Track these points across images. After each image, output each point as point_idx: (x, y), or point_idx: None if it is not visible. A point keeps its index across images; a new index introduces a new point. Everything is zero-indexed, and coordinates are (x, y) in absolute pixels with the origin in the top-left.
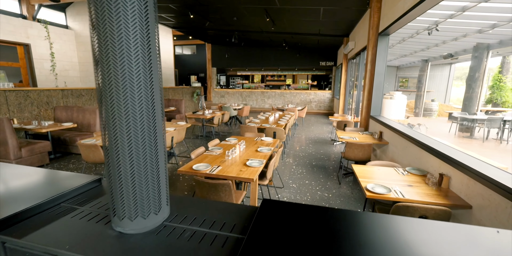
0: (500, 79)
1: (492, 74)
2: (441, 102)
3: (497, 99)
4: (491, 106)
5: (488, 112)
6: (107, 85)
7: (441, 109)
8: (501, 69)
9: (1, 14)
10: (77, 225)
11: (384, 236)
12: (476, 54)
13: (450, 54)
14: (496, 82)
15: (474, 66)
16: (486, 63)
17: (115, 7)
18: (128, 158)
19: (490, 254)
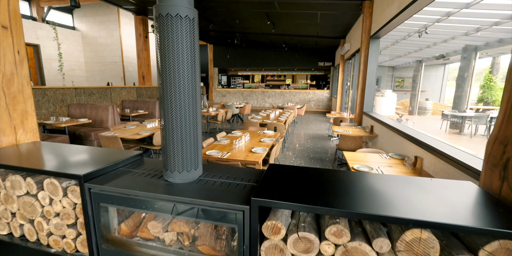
0: (491, 79)
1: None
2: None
3: (488, 98)
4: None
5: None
6: (168, 86)
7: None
8: (491, 69)
9: None
10: (138, 178)
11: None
12: (465, 55)
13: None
14: (487, 81)
15: (463, 66)
16: (474, 64)
17: (176, 33)
18: (179, 132)
19: (423, 190)
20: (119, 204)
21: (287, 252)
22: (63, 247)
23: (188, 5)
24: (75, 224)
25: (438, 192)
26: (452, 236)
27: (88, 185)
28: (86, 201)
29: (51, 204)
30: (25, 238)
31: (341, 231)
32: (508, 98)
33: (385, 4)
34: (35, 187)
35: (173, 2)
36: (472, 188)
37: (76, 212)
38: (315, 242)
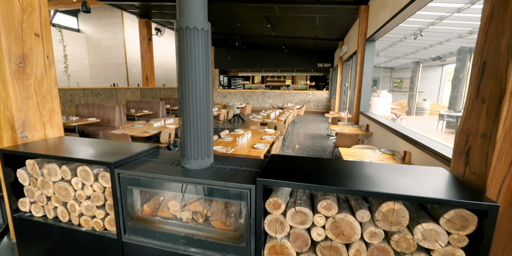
0: None
1: None
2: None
3: None
4: None
5: None
6: (186, 88)
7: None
8: None
9: None
10: (158, 165)
11: (344, 170)
12: (460, 56)
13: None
14: None
15: (459, 67)
16: (469, 65)
17: (193, 42)
18: (195, 126)
19: (401, 173)
20: (144, 186)
21: (286, 224)
22: (92, 226)
23: (203, 19)
24: (104, 205)
25: (412, 175)
26: (421, 209)
27: (117, 170)
28: (115, 185)
29: (83, 188)
30: (58, 219)
31: (330, 205)
32: (470, 98)
33: (380, 9)
34: (69, 174)
35: (191, 17)
36: (443, 172)
37: (105, 195)
38: (309, 215)
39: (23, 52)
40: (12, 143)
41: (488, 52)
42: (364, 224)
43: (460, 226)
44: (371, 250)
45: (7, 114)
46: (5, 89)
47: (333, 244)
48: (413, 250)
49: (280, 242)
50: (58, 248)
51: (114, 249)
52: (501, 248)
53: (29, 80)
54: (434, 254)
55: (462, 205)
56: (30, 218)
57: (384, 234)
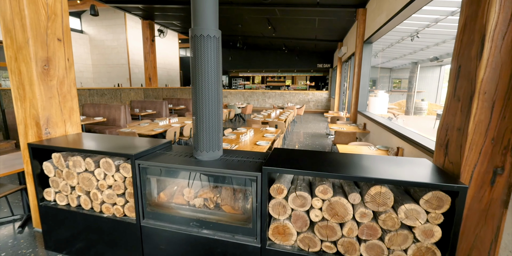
0: None
1: None
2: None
3: None
4: None
5: None
6: (200, 89)
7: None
8: None
9: None
10: (173, 157)
11: (338, 160)
12: None
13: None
14: None
15: None
16: None
17: (206, 48)
18: (207, 122)
19: (388, 163)
20: (161, 176)
21: (288, 207)
22: (113, 213)
23: (215, 27)
24: (124, 194)
25: (398, 164)
26: (405, 193)
27: (138, 161)
28: (136, 174)
29: (105, 178)
30: (81, 207)
31: (326, 189)
32: (448, 97)
33: (376, 13)
34: (93, 165)
35: (204, 26)
36: (426, 162)
37: (125, 184)
38: (308, 199)
39: (47, 56)
40: (37, 139)
41: (462, 57)
42: (355, 206)
43: (436, 205)
44: (362, 228)
45: (33, 112)
46: (32, 89)
47: (329, 223)
48: (397, 228)
49: (282, 223)
50: (81, 233)
51: (133, 233)
52: (473, 226)
53: (52, 81)
54: (415, 230)
55: (438, 187)
56: (54, 206)
57: (372, 214)
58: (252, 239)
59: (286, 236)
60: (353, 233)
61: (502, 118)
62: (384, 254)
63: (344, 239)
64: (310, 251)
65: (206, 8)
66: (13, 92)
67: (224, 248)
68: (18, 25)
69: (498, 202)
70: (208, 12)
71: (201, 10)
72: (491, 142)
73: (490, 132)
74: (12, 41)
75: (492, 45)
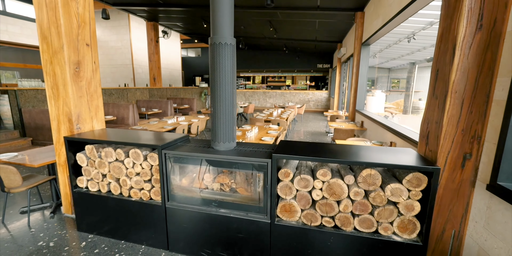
0: None
1: None
2: None
3: None
4: None
5: None
6: (217, 89)
7: None
8: None
9: (33, 22)
10: (194, 148)
11: (336, 149)
12: None
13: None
14: None
15: None
16: None
17: (223, 54)
18: (223, 117)
19: (378, 151)
20: (186, 163)
21: (293, 188)
22: (140, 197)
23: (230, 36)
24: (150, 180)
25: (387, 153)
26: (392, 176)
27: (164, 151)
28: (162, 163)
29: (133, 167)
30: (111, 192)
31: (326, 172)
32: (429, 95)
33: (373, 17)
34: (123, 155)
35: (222, 35)
36: (411, 151)
37: (152, 171)
38: (311, 181)
39: (78, 59)
40: (69, 133)
41: (439, 62)
42: (350, 186)
43: (416, 184)
44: (355, 205)
45: (66, 110)
46: (65, 89)
47: (328, 201)
48: (384, 203)
49: (289, 202)
50: (110, 215)
51: (158, 213)
52: (447, 203)
53: (82, 82)
54: (399, 205)
55: (417, 169)
56: (86, 192)
57: (364, 193)
58: (263, 216)
59: (292, 213)
60: (348, 209)
61: (470, 113)
62: (374, 226)
63: (340, 214)
64: (312, 225)
65: (223, 21)
66: (47, 92)
67: (239, 224)
68: (54, 32)
69: (468, 182)
70: (225, 23)
71: (219, 22)
72: (461, 132)
73: (460, 124)
74: (48, 47)
75: (461, 53)
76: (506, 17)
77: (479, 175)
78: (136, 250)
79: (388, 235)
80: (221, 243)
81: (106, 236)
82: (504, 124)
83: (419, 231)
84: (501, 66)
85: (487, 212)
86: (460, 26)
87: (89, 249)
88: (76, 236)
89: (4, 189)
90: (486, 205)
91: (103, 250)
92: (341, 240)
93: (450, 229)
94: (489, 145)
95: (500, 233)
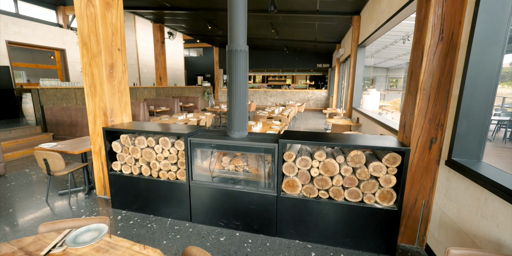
0: None
1: None
2: None
3: None
4: None
5: None
6: (233, 87)
7: None
8: None
9: (44, 24)
10: (213, 136)
11: (332, 136)
12: None
13: None
14: None
15: None
16: None
17: (238, 59)
18: (238, 110)
19: (364, 139)
20: (207, 148)
21: (295, 167)
22: (168, 177)
23: (244, 44)
24: (176, 163)
25: (371, 139)
26: (374, 156)
27: (190, 138)
28: (188, 148)
29: (162, 152)
30: (142, 174)
31: (322, 154)
32: (406, 93)
33: (368, 21)
34: (154, 142)
35: (238, 44)
36: (392, 138)
37: (178, 156)
38: (309, 161)
39: (112, 62)
40: (104, 125)
41: (413, 66)
42: (341, 164)
43: (392, 162)
44: (345, 180)
45: (101, 105)
46: (102, 88)
47: (323, 177)
48: (368, 178)
49: (292, 179)
50: (141, 194)
51: (183, 191)
52: (419, 178)
53: (114, 81)
54: (380, 179)
55: (392, 149)
56: (120, 174)
57: (352, 170)
58: (270, 190)
59: (294, 187)
60: (340, 183)
61: (435, 106)
62: (360, 196)
63: (333, 188)
64: (310, 197)
65: (239, 33)
66: (85, 90)
67: (250, 198)
68: (94, 39)
69: (434, 161)
70: (240, 35)
71: (236, 34)
72: (428, 121)
73: (427, 115)
74: (88, 51)
75: (428, 58)
76: (460, 32)
77: (442, 155)
78: (164, 222)
79: (371, 203)
80: (236, 214)
81: (137, 211)
82: (456, 113)
83: (395, 200)
84: (457, 69)
85: (446, 183)
86: (427, 38)
87: (124, 221)
88: (111, 211)
89: (50, 172)
90: (446, 177)
91: (136, 222)
92: (333, 208)
93: (421, 199)
94: (448, 130)
95: (454, 197)
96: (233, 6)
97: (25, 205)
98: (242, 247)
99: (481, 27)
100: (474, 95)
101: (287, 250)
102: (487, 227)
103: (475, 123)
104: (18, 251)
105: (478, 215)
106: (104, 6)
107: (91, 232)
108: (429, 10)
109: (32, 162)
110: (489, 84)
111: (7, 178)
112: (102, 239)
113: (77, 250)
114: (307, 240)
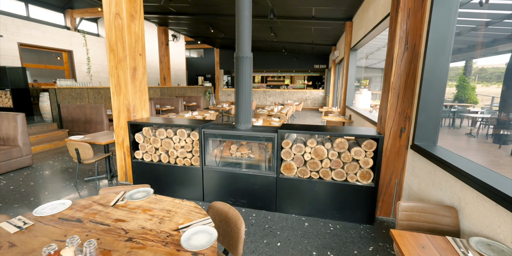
0: (464, 79)
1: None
2: None
3: (462, 96)
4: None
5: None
6: (240, 87)
7: None
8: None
9: (53, 26)
10: (223, 127)
11: (324, 127)
12: None
13: None
14: (461, 82)
15: None
16: None
17: (244, 65)
18: (244, 106)
19: (350, 129)
20: (218, 138)
21: (291, 153)
22: (184, 163)
23: (249, 51)
24: (191, 151)
25: (355, 129)
26: (355, 143)
27: (203, 129)
28: (201, 138)
29: (179, 141)
30: (161, 161)
31: (313, 141)
32: (382, 91)
33: (358, 27)
34: (172, 134)
35: (244, 51)
36: (371, 129)
37: (193, 144)
38: (303, 147)
39: (134, 65)
40: (127, 120)
41: (386, 69)
42: (328, 150)
43: (369, 147)
44: (332, 162)
45: (125, 102)
46: (126, 87)
47: (314, 161)
48: (350, 161)
49: (288, 162)
50: (160, 178)
51: (197, 175)
52: (392, 160)
53: (136, 82)
54: (360, 162)
55: (369, 137)
56: (142, 161)
57: (338, 154)
58: (271, 172)
59: (290, 170)
60: (327, 165)
61: (403, 102)
62: (344, 176)
63: (323, 169)
64: (304, 177)
65: (245, 42)
66: (111, 89)
67: (255, 179)
68: (120, 46)
69: (404, 147)
70: (246, 44)
71: (242, 43)
72: (398, 114)
73: (398, 109)
74: (115, 56)
75: (396, 64)
76: (420, 43)
77: (409, 141)
78: None
79: (353, 181)
80: (242, 193)
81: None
82: (417, 107)
83: (372, 178)
84: (419, 72)
85: (412, 163)
86: (395, 47)
87: None
88: None
89: (80, 160)
90: (412, 159)
91: None
92: (323, 186)
93: (394, 179)
94: (413, 121)
95: (416, 174)
96: (240, 22)
97: (58, 189)
98: (247, 220)
99: (432, 41)
100: (429, 92)
101: (285, 221)
102: (435, 192)
103: (431, 115)
104: (93, 203)
105: (430, 184)
106: (129, 18)
107: (140, 192)
108: (397, 26)
109: (53, 155)
110: (439, 84)
111: (35, 168)
112: (150, 196)
113: (135, 202)
114: (301, 213)
